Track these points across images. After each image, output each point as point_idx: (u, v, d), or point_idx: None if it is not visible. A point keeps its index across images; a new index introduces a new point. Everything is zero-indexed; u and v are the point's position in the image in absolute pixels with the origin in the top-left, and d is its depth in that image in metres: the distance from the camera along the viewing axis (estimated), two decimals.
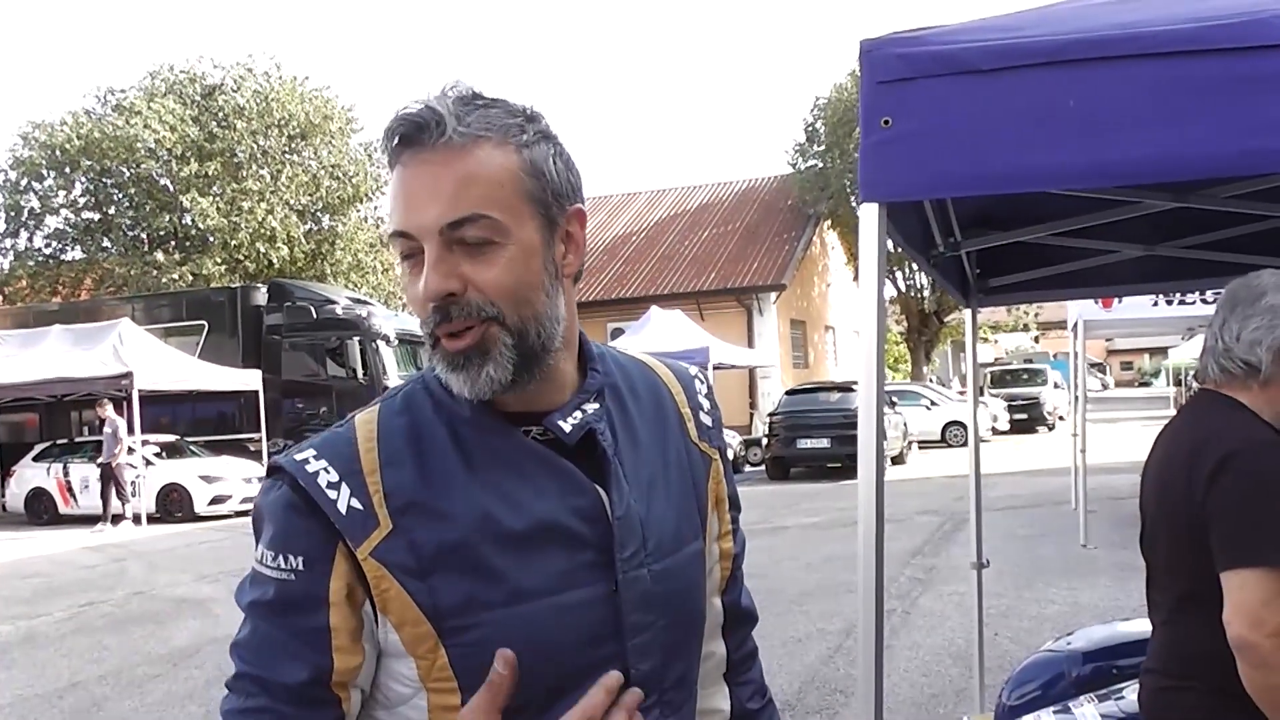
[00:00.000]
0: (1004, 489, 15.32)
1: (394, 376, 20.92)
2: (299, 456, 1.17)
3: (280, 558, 1.13)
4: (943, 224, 3.77)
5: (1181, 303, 11.19)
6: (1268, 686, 1.95)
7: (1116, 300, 11.04)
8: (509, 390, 1.18)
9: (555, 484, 1.19)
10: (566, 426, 1.22)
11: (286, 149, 27.51)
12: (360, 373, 20.78)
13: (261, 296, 22.09)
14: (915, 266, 29.38)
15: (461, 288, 1.14)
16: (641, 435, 1.30)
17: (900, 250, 3.32)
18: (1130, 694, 3.21)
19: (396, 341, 21.37)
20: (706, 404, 1.41)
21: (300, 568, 1.13)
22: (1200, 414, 2.25)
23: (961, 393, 31.37)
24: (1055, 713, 3.34)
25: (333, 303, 21.56)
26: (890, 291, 35.68)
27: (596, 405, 1.26)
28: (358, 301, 22.46)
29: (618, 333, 23.51)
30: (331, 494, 1.13)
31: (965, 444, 24.74)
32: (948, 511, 13.27)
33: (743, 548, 1.47)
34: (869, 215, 2.26)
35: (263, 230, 26.35)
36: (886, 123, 2.19)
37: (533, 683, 1.13)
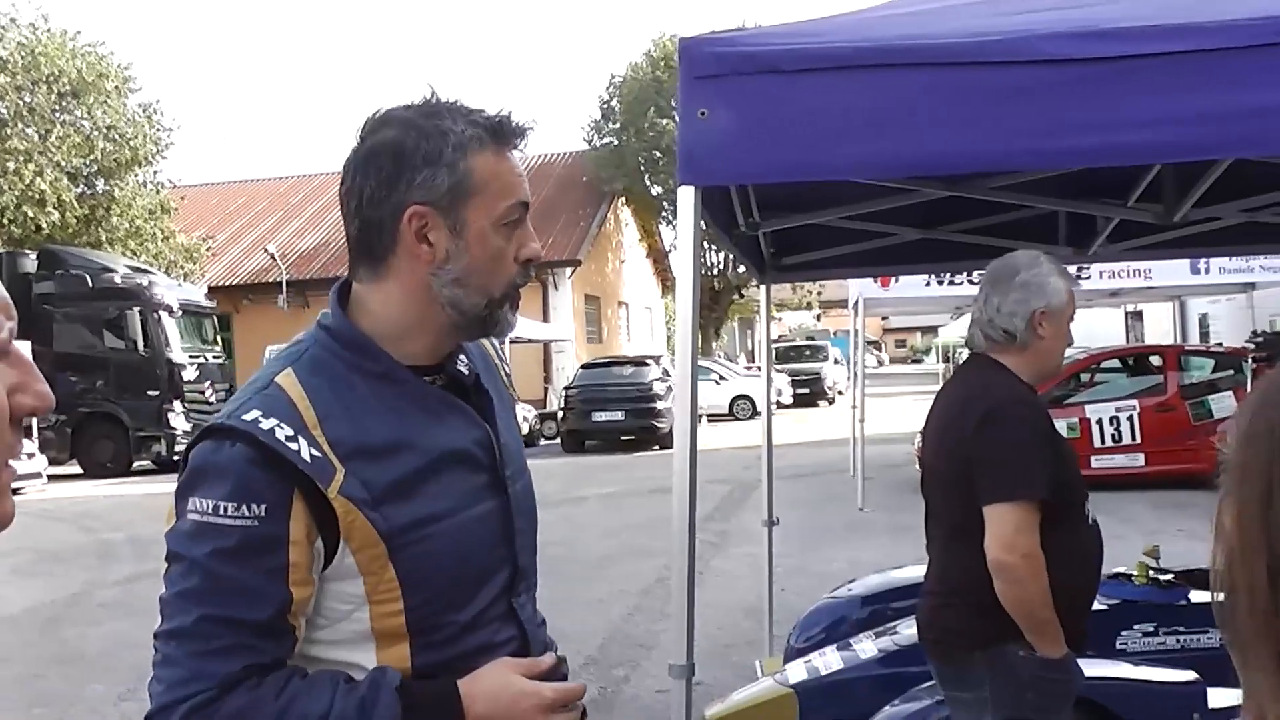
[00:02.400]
0: (789, 459, 16.06)
1: (177, 348, 20.12)
2: (248, 417, 1.33)
3: (243, 507, 1.29)
4: (744, 206, 4.08)
5: (951, 283, 12.10)
6: (1018, 599, 2.34)
7: (894, 280, 11.82)
8: None
9: (459, 420, 1.47)
10: (465, 371, 1.51)
11: (56, 107, 25.81)
12: (141, 344, 19.88)
13: (30, 264, 20.69)
14: (707, 245, 30.23)
15: None
16: (485, 380, 1.56)
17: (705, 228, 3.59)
18: (904, 629, 3.62)
19: (180, 312, 20.55)
20: (505, 354, 1.72)
21: (263, 514, 1.30)
22: (970, 375, 2.64)
23: (748, 368, 32.48)
24: (838, 649, 3.72)
25: (110, 271, 20.46)
26: None
27: (464, 356, 1.53)
28: (138, 270, 21.35)
29: None
30: (293, 446, 1.31)
31: (752, 417, 25.75)
32: (736, 480, 13.87)
33: None
34: (685, 198, 2.50)
35: (30, 193, 24.65)
36: (703, 114, 2.43)
37: (461, 581, 1.42)
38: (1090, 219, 4.67)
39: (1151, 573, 3.68)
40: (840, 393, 32.88)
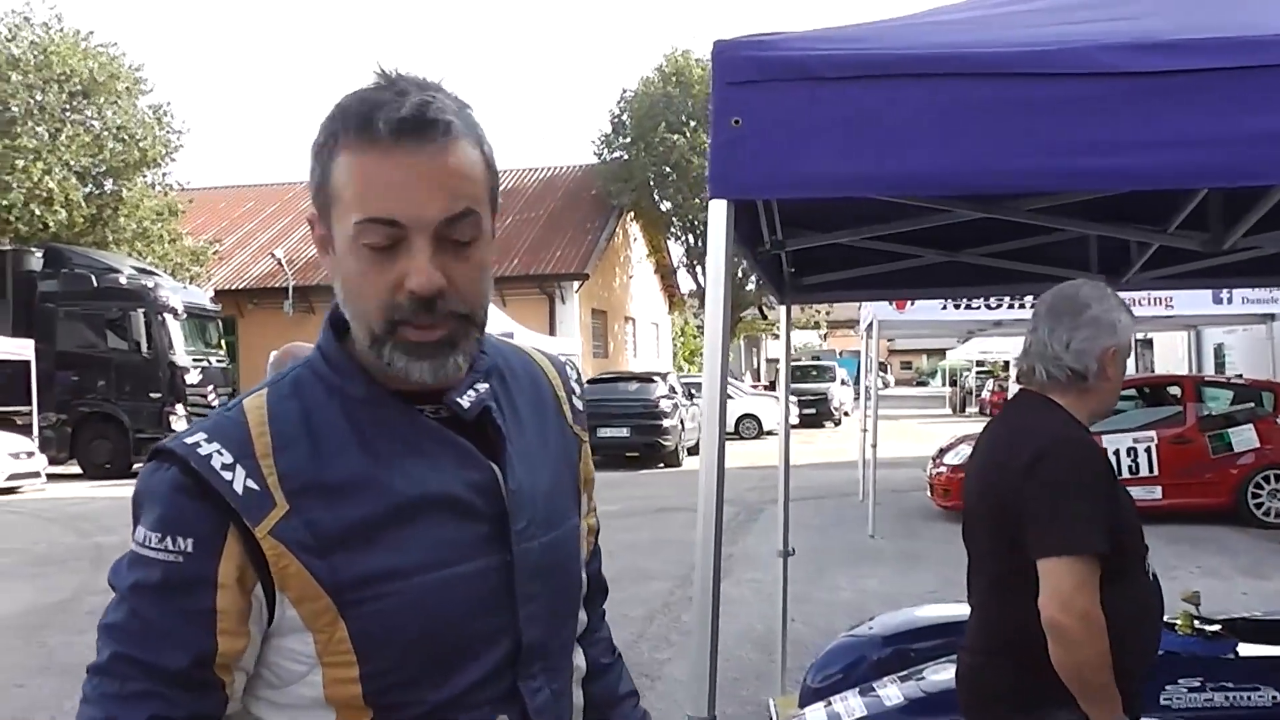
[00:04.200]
0: (795, 480, 15.64)
1: (180, 351, 20.08)
2: (189, 440, 1.15)
3: (168, 539, 1.12)
4: (769, 222, 3.89)
5: (968, 307, 11.89)
6: (1074, 663, 2.12)
7: (909, 302, 11.62)
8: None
9: (451, 459, 1.22)
10: (465, 403, 1.24)
11: (67, 106, 25.75)
12: (144, 346, 19.83)
13: (36, 261, 20.74)
14: None
15: (448, 285, 1.15)
16: (524, 415, 1.34)
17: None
18: (930, 674, 3.41)
19: (185, 315, 20.46)
20: (577, 389, 1.48)
21: (189, 550, 1.12)
22: (1018, 413, 2.41)
23: (755, 386, 32.27)
24: (860, 694, 3.51)
25: (116, 271, 20.45)
26: (690, 285, 36.35)
27: (486, 385, 1.28)
28: (143, 271, 21.34)
29: None
30: (226, 475, 1.12)
31: (758, 436, 25.53)
32: (742, 502, 13.65)
33: (599, 524, 1.57)
34: (718, 211, 2.30)
35: (38, 191, 24.54)
36: (736, 122, 2.24)
37: (431, 652, 1.17)
38: (1123, 245, 4.48)
39: (1196, 623, 3.47)
40: (846, 414, 32.66)
